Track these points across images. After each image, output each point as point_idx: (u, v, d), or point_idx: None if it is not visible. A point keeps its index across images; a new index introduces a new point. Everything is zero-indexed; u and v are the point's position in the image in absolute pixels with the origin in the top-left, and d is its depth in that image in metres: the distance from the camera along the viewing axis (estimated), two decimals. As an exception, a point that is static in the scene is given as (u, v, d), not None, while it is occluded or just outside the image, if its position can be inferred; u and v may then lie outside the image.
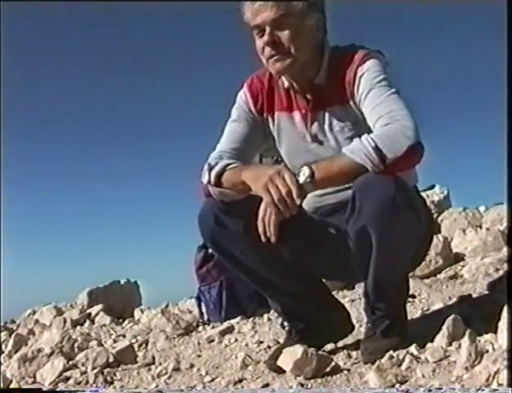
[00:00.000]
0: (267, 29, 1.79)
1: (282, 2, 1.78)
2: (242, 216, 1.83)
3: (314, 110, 1.91)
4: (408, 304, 2.52)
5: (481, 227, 3.61)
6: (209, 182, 1.85)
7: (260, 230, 1.74)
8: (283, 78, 1.93)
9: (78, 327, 3.57)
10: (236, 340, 2.51)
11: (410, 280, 2.85)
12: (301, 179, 1.65)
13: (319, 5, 1.86)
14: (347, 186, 1.74)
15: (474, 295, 2.48)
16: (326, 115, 1.90)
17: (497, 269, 2.78)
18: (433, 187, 4.26)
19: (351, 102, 1.85)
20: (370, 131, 1.73)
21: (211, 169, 1.85)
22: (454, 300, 2.48)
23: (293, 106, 1.95)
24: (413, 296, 2.65)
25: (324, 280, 2.12)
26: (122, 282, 4.47)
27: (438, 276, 3.03)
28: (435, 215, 4.02)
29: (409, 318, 2.32)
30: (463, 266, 3.07)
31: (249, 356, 2.12)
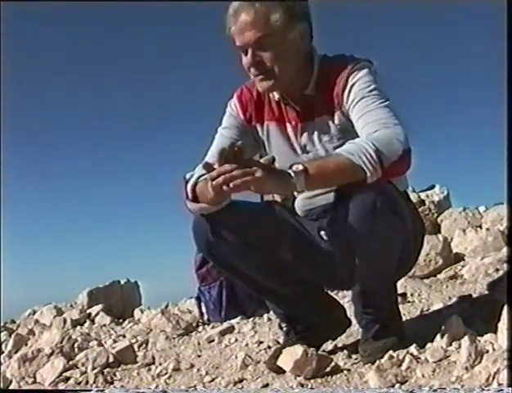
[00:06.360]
0: (249, 51, 1.78)
1: (261, 22, 1.74)
2: (237, 226, 1.82)
3: (304, 121, 1.90)
4: (408, 304, 2.54)
5: (481, 227, 3.62)
6: (187, 197, 1.81)
7: (221, 179, 1.51)
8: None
9: (78, 327, 3.56)
10: (236, 340, 2.50)
11: (411, 280, 2.88)
12: (293, 172, 1.56)
13: (301, 14, 1.82)
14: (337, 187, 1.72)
15: (474, 295, 2.48)
16: (315, 125, 1.89)
17: (497, 269, 2.78)
18: (433, 187, 4.26)
19: (339, 112, 1.84)
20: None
21: (186, 182, 1.82)
22: (454, 300, 2.47)
23: (283, 117, 1.94)
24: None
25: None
26: (122, 282, 4.48)
27: (438, 276, 3.03)
28: (435, 215, 4.02)
29: (409, 318, 2.33)
30: (463, 266, 3.07)
31: (249, 356, 2.12)
